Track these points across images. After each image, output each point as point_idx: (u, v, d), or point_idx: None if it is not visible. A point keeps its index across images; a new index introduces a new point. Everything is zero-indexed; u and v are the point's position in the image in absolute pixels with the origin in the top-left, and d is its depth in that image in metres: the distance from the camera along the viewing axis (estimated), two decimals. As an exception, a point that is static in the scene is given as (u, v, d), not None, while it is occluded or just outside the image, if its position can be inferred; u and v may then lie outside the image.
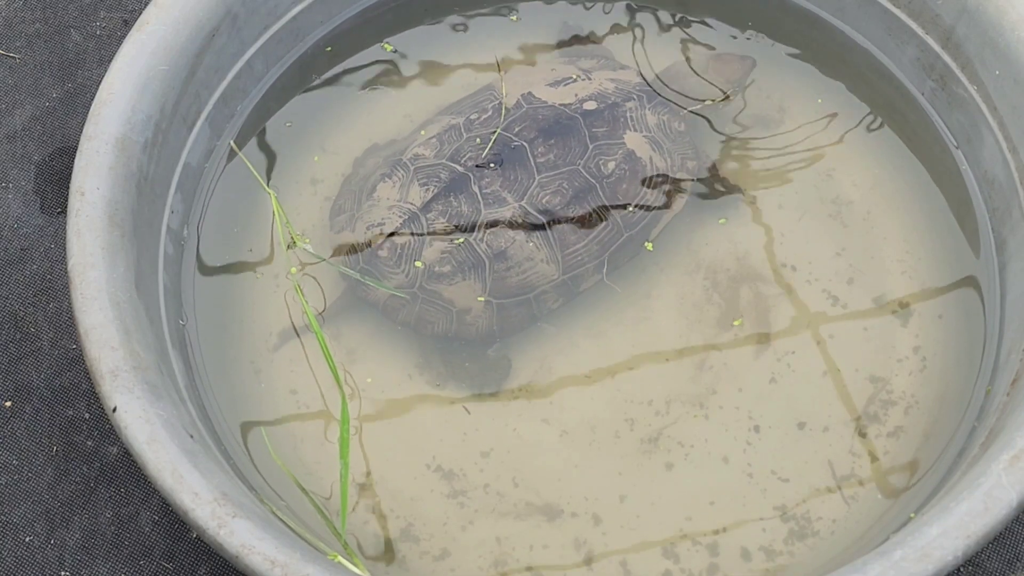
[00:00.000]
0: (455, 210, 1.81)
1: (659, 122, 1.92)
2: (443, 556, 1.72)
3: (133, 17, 2.19)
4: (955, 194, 1.95)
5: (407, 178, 1.84)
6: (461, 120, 1.89)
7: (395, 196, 1.84)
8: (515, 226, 1.81)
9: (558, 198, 1.81)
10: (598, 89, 1.92)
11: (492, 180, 1.82)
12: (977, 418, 1.73)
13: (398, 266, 1.81)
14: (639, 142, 1.88)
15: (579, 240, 1.83)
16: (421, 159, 1.86)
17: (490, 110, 1.90)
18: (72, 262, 1.58)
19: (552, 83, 1.93)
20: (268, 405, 1.82)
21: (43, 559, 1.78)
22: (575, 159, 1.84)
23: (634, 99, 1.93)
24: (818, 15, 2.08)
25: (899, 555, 1.40)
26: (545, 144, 1.84)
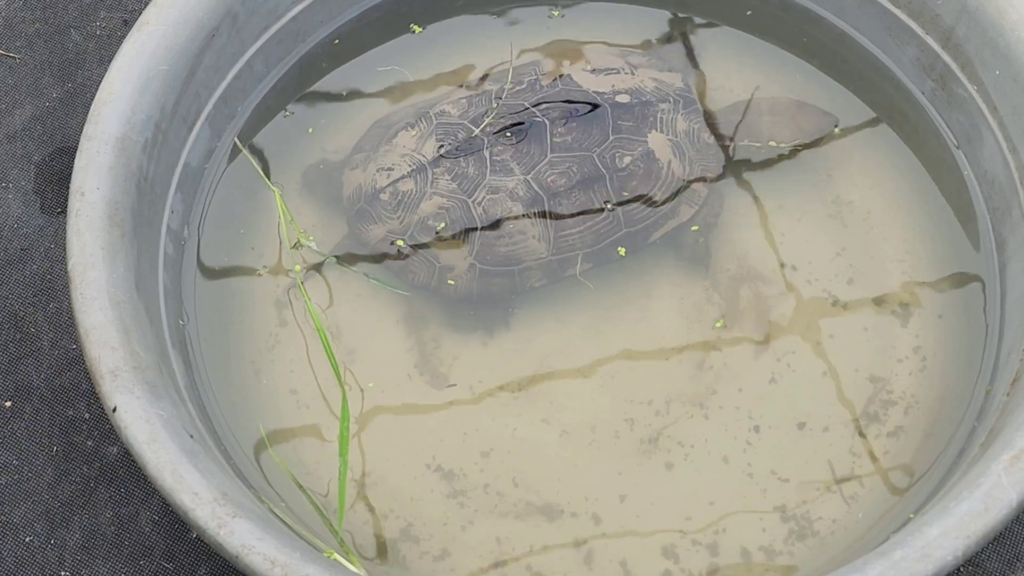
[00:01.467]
0: (462, 170, 1.83)
1: (688, 129, 1.90)
2: (443, 556, 1.72)
3: (133, 17, 2.19)
4: (955, 194, 1.95)
5: (427, 131, 1.88)
6: (496, 87, 1.91)
7: (411, 146, 1.87)
8: (515, 198, 1.82)
9: (564, 179, 1.82)
10: (637, 85, 1.92)
11: (504, 149, 1.83)
12: (977, 418, 1.73)
13: (395, 212, 1.85)
14: (661, 144, 1.87)
15: (575, 225, 1.83)
16: (445, 116, 1.89)
17: (525, 83, 1.91)
18: (72, 262, 1.58)
19: (593, 70, 1.93)
20: (268, 405, 1.82)
21: (43, 559, 1.78)
22: (592, 146, 1.83)
23: (670, 101, 1.91)
24: (819, 14, 2.08)
25: (899, 555, 1.40)
26: (566, 126, 1.84)
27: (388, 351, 1.87)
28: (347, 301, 1.90)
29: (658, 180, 1.86)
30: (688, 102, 1.93)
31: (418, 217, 1.84)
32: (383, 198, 1.86)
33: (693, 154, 1.90)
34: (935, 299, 1.89)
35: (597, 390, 1.84)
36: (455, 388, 1.84)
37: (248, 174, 1.97)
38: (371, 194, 1.87)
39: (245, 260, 1.93)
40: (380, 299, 1.90)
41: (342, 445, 1.64)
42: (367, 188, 1.88)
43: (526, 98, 1.88)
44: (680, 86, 1.95)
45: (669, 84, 1.94)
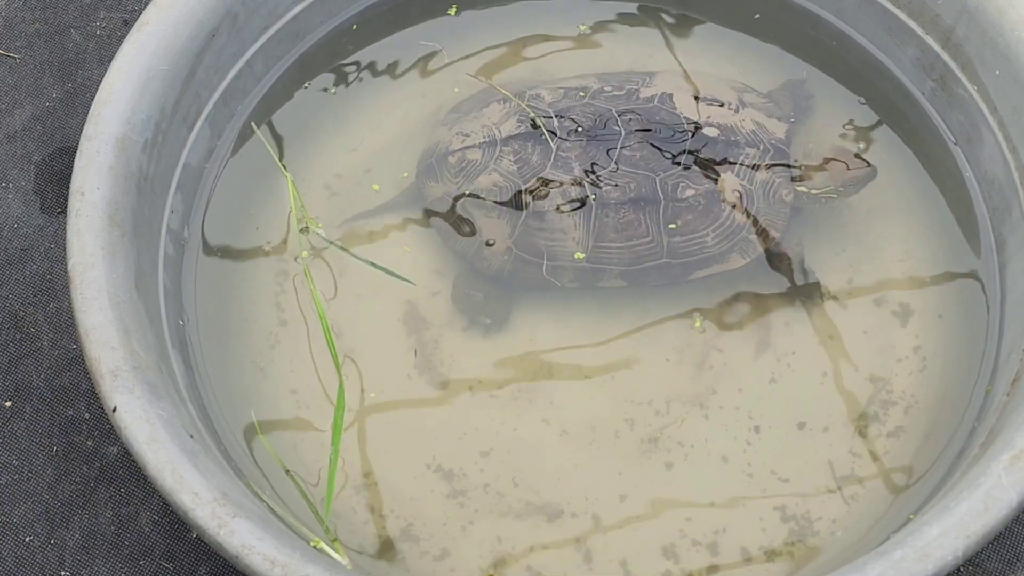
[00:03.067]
0: (527, 155, 1.84)
1: (766, 181, 1.85)
2: (443, 556, 1.72)
3: (133, 17, 2.19)
4: (955, 194, 1.95)
5: (514, 109, 1.90)
6: (596, 87, 1.91)
7: (495, 119, 1.90)
8: (565, 196, 1.82)
9: (618, 193, 1.81)
10: (733, 123, 1.88)
11: (573, 147, 1.83)
12: (977, 418, 1.73)
13: (456, 176, 1.88)
14: (732, 187, 1.84)
15: (616, 240, 1.82)
16: (537, 100, 1.91)
17: (624, 90, 1.90)
18: (72, 262, 1.58)
19: (698, 97, 1.91)
20: (268, 405, 1.82)
21: (43, 559, 1.78)
22: (658, 169, 1.82)
23: (759, 148, 1.87)
24: (818, 15, 2.08)
25: (899, 555, 1.40)
26: (641, 142, 1.83)
27: (388, 351, 1.87)
28: (348, 301, 1.90)
29: (715, 221, 1.83)
30: (779, 154, 1.88)
31: (473, 188, 1.87)
32: (450, 160, 1.89)
33: (763, 206, 1.85)
34: (935, 299, 1.89)
35: (597, 390, 1.84)
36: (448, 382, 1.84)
37: (248, 173, 1.98)
38: (442, 154, 1.91)
39: (245, 260, 1.93)
40: (380, 299, 1.90)
41: (335, 434, 1.65)
42: (442, 147, 1.92)
43: (617, 104, 1.87)
44: (780, 136, 1.90)
45: (769, 131, 1.90)
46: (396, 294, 1.90)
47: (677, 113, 1.87)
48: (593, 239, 1.82)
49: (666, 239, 1.82)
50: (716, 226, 1.83)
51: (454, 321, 1.89)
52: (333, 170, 2.00)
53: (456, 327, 1.88)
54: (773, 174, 1.86)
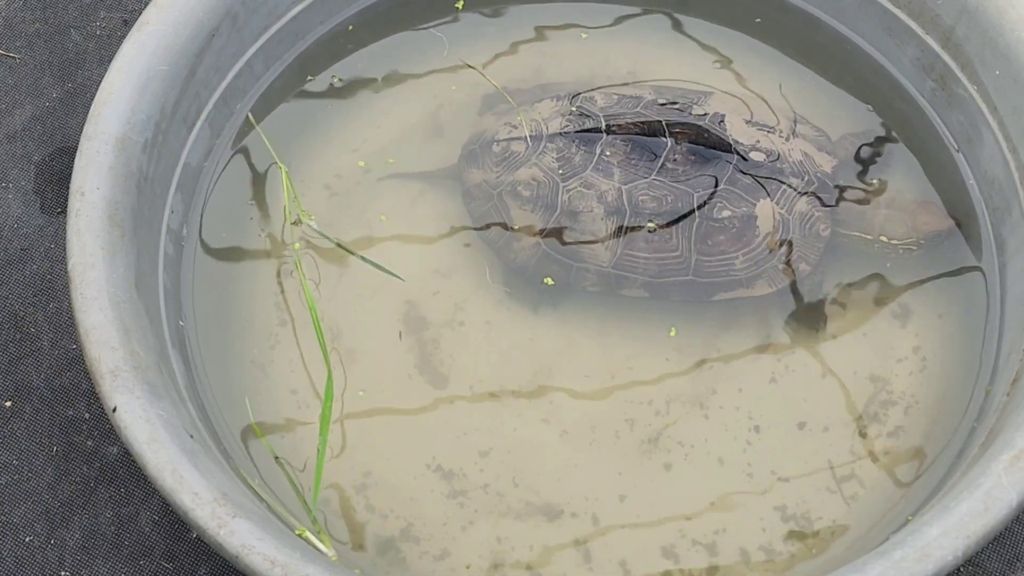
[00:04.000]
0: (569, 155, 1.85)
1: (805, 213, 1.83)
2: (443, 556, 1.72)
3: (133, 17, 2.19)
4: (955, 194, 1.95)
5: (565, 108, 1.90)
6: (651, 97, 1.91)
7: (545, 114, 1.91)
8: (601, 200, 1.82)
9: (653, 204, 1.80)
10: (781, 150, 1.86)
11: (616, 153, 1.83)
12: (977, 418, 1.73)
13: (497, 166, 1.89)
14: (768, 214, 1.82)
15: (645, 250, 1.81)
16: (590, 102, 1.91)
17: (679, 104, 1.89)
18: (72, 262, 1.58)
19: (750, 121, 1.90)
20: (268, 405, 1.82)
21: (43, 559, 1.78)
22: (698, 186, 1.80)
23: (804, 179, 1.85)
24: (818, 16, 2.08)
25: (899, 555, 1.40)
26: (685, 157, 1.81)
27: (389, 351, 1.87)
28: (347, 301, 1.90)
29: (747, 246, 1.81)
30: (823, 188, 1.86)
31: (512, 179, 1.87)
32: (494, 149, 1.91)
33: (797, 238, 1.83)
34: (935, 299, 1.89)
35: (597, 390, 1.84)
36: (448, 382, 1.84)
37: (248, 173, 1.98)
38: (487, 141, 1.93)
39: (245, 260, 1.93)
40: (380, 299, 1.90)
41: (323, 423, 1.65)
42: (488, 135, 1.94)
43: (668, 117, 1.86)
44: (826, 170, 1.88)
45: (816, 164, 1.88)
46: (396, 294, 1.90)
47: (727, 134, 1.85)
48: (623, 246, 1.82)
49: (695, 256, 1.81)
50: (747, 251, 1.81)
51: (454, 321, 1.89)
52: (333, 170, 2.00)
53: (456, 327, 1.88)
54: (813, 207, 1.84)
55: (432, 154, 2.02)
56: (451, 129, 2.05)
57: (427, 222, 1.97)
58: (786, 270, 1.84)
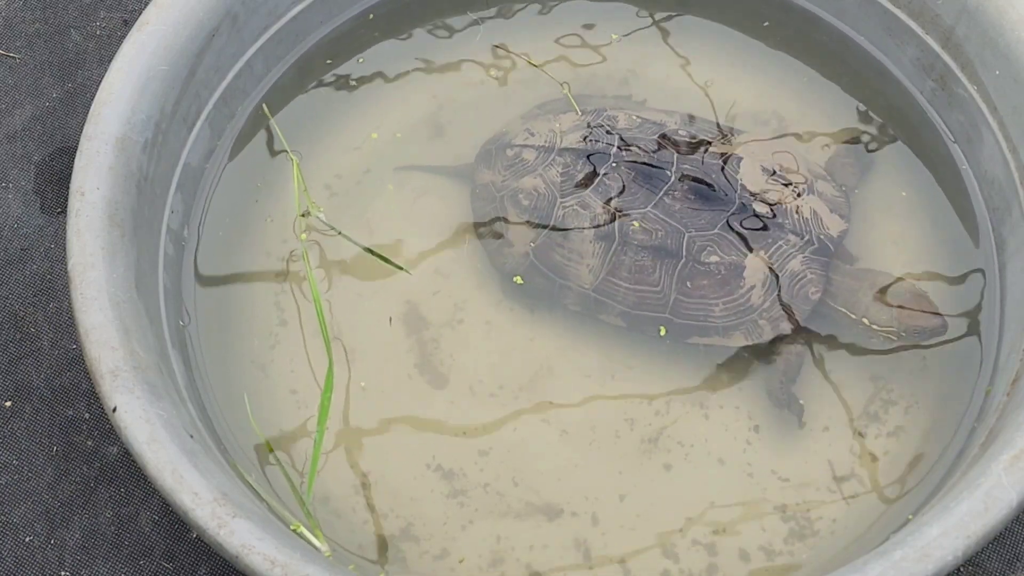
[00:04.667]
0: (573, 172, 1.85)
1: (797, 273, 1.79)
2: (443, 556, 1.72)
3: (133, 17, 2.19)
4: (955, 194, 1.95)
5: (584, 124, 1.90)
6: (675, 126, 1.89)
7: (564, 127, 1.91)
8: (594, 222, 1.81)
9: (643, 236, 1.78)
10: (789, 205, 1.82)
11: (620, 177, 1.82)
12: (977, 418, 1.73)
13: (505, 170, 1.90)
14: (757, 268, 1.78)
15: (626, 280, 1.80)
16: (612, 121, 1.90)
17: (697, 139, 1.86)
18: (72, 262, 1.58)
19: (768, 168, 1.86)
20: (268, 405, 1.82)
21: (43, 559, 1.78)
22: (691, 226, 1.78)
23: (804, 239, 1.80)
24: (818, 15, 2.08)
25: (899, 555, 1.40)
26: (685, 195, 1.79)
27: (388, 351, 1.87)
28: (347, 301, 1.90)
29: (729, 295, 1.78)
30: (822, 251, 1.81)
31: (515, 186, 1.88)
32: (507, 153, 1.92)
33: (785, 296, 1.79)
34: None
35: (597, 390, 1.84)
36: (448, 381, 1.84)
37: (248, 174, 1.98)
38: (503, 144, 1.94)
39: (245, 260, 1.93)
40: (380, 299, 1.90)
41: (321, 415, 1.66)
42: (506, 138, 1.94)
43: (682, 150, 1.84)
44: (831, 234, 1.83)
45: (823, 225, 1.83)
46: (396, 294, 1.90)
47: (737, 178, 1.82)
48: (606, 271, 1.81)
49: (674, 295, 1.79)
50: (728, 300, 1.78)
51: (454, 321, 1.89)
52: (334, 170, 2.00)
53: (456, 327, 1.88)
54: (807, 268, 1.80)
55: (432, 154, 2.02)
56: (451, 129, 2.05)
57: (427, 222, 1.97)
58: (767, 327, 1.79)
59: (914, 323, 1.78)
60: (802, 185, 1.85)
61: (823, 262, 1.81)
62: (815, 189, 1.86)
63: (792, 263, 1.79)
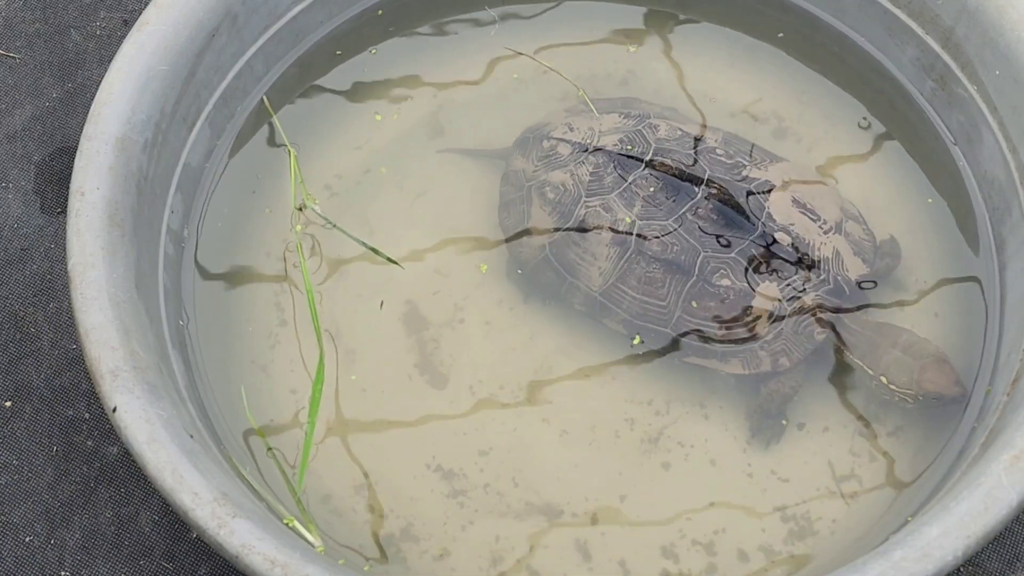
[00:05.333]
0: (603, 173, 1.84)
1: (806, 310, 1.76)
2: (443, 556, 1.72)
3: (133, 17, 2.19)
4: (955, 194, 1.95)
5: (624, 127, 1.89)
6: (713, 143, 1.86)
7: (604, 128, 1.89)
8: (613, 226, 1.80)
9: (658, 247, 1.77)
10: (813, 241, 1.78)
11: (645, 187, 1.80)
12: (977, 418, 1.73)
13: (538, 160, 1.90)
14: (769, 297, 1.76)
15: (635, 288, 1.79)
16: (653, 129, 1.87)
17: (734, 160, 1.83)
18: (72, 262, 1.58)
19: (799, 201, 1.81)
20: (268, 404, 1.82)
21: (43, 559, 1.78)
22: (708, 246, 1.76)
23: (819, 278, 1.77)
24: (818, 16, 2.08)
25: (899, 555, 1.40)
26: (708, 213, 1.77)
27: (388, 351, 1.87)
28: (347, 301, 1.90)
29: (732, 321, 1.76)
30: (837, 292, 1.78)
31: (544, 178, 1.87)
32: (544, 144, 1.91)
33: (788, 332, 1.76)
34: (935, 299, 1.88)
35: (597, 390, 1.84)
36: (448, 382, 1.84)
37: (247, 174, 1.98)
38: (541, 135, 1.93)
39: (245, 260, 1.93)
40: (379, 299, 1.90)
41: (312, 406, 1.66)
42: (546, 129, 1.93)
43: (715, 170, 1.81)
44: (849, 276, 1.79)
45: (843, 267, 1.79)
46: (396, 294, 1.90)
47: (764, 206, 1.79)
48: (615, 277, 1.80)
49: (679, 312, 1.77)
50: (731, 326, 1.76)
51: (454, 321, 1.89)
52: (334, 170, 2.00)
53: (456, 327, 1.88)
54: (817, 307, 1.77)
55: (433, 154, 2.02)
56: (451, 129, 2.05)
57: (427, 222, 1.97)
58: (766, 359, 1.77)
59: (933, 388, 1.73)
60: (830, 223, 1.82)
61: (833, 303, 1.78)
62: (843, 229, 1.82)
63: (804, 299, 1.76)
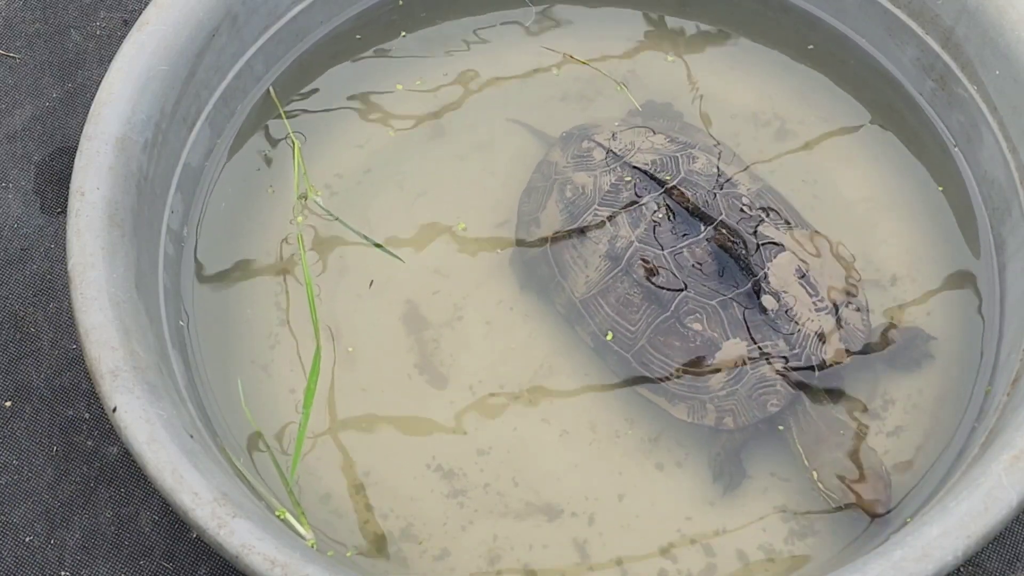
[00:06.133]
0: (622, 187, 1.83)
1: (767, 379, 1.71)
2: (443, 556, 1.72)
3: (133, 17, 2.19)
4: (955, 194, 1.95)
5: (663, 151, 1.86)
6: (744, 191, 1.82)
7: (645, 147, 1.88)
8: (612, 240, 1.79)
9: (642, 272, 1.75)
10: (799, 314, 1.72)
11: (655, 211, 1.78)
12: (977, 418, 1.73)
13: (573, 158, 1.91)
14: (734, 354, 1.72)
15: (611, 306, 1.78)
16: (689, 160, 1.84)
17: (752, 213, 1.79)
18: (72, 262, 1.58)
19: (805, 274, 1.76)
20: (268, 404, 1.82)
21: (43, 559, 1.78)
22: (692, 287, 1.72)
23: (792, 351, 1.72)
24: (818, 16, 2.08)
25: (899, 555, 1.40)
26: (706, 254, 1.74)
27: (389, 352, 1.87)
28: (347, 301, 1.90)
29: (690, 366, 1.73)
30: (805, 371, 1.72)
31: (569, 176, 1.88)
32: (582, 144, 1.92)
33: (743, 392, 1.72)
34: (935, 299, 1.89)
35: (597, 390, 1.84)
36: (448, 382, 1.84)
37: (247, 174, 1.98)
38: (585, 136, 1.93)
39: (245, 260, 1.93)
40: (380, 299, 1.90)
41: (307, 398, 1.66)
42: (592, 131, 1.94)
43: (732, 216, 1.78)
44: (825, 360, 1.73)
45: (821, 348, 1.74)
46: (396, 294, 1.90)
47: (763, 263, 1.75)
48: (598, 290, 1.79)
49: (643, 342, 1.76)
50: (690, 371, 1.73)
51: (454, 321, 1.89)
52: (334, 170, 2.01)
53: (456, 327, 1.88)
54: (779, 381, 1.72)
55: (433, 154, 2.02)
56: (451, 129, 2.05)
57: (427, 222, 1.97)
58: (712, 412, 1.74)
59: (858, 503, 1.66)
60: (827, 302, 1.77)
61: (797, 382, 1.72)
62: (839, 313, 1.77)
63: (767, 368, 1.72)
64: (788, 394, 1.72)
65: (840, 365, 1.75)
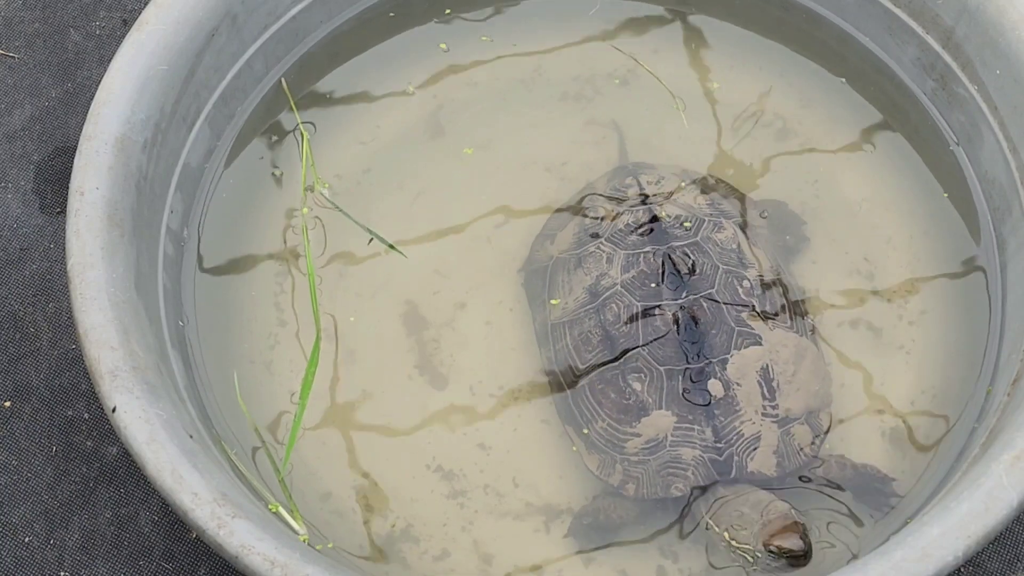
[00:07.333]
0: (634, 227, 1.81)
1: (681, 462, 1.66)
2: (443, 556, 1.72)
3: (133, 17, 2.19)
4: (955, 194, 1.95)
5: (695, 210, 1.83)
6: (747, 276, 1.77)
7: (681, 200, 1.86)
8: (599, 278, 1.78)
9: (611, 316, 1.73)
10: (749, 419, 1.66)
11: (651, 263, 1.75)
12: (977, 418, 1.73)
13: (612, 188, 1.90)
14: (656, 426, 1.68)
15: (571, 339, 1.76)
16: (715, 228, 1.80)
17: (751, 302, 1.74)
18: (72, 262, 1.58)
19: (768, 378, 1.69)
20: (268, 404, 1.82)
21: (42, 559, 1.78)
22: (651, 349, 1.69)
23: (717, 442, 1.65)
24: (819, 14, 2.08)
25: (899, 555, 1.40)
26: (675, 318, 1.70)
27: (388, 351, 1.87)
28: (347, 301, 1.90)
29: (617, 423, 1.70)
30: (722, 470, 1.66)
31: (600, 202, 1.88)
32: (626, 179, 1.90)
33: (654, 466, 1.68)
34: (936, 299, 1.89)
35: (597, 390, 1.83)
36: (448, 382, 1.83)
37: (247, 174, 1.98)
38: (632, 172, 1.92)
39: (245, 260, 1.93)
40: (380, 299, 1.90)
41: (304, 390, 1.67)
42: (639, 169, 1.93)
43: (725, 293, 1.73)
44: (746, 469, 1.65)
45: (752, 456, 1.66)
46: (396, 294, 1.90)
47: (730, 353, 1.69)
48: (568, 319, 1.79)
49: (584, 382, 1.73)
50: (614, 427, 1.70)
51: (454, 321, 1.89)
52: (334, 170, 2.00)
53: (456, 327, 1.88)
54: (693, 468, 1.66)
55: (433, 154, 2.02)
56: (451, 129, 2.05)
57: (427, 222, 1.97)
58: (618, 475, 1.70)
59: (775, 545, 1.58)
60: (778, 413, 1.68)
61: (712, 478, 1.66)
62: (788, 427, 1.69)
63: (687, 452, 1.66)
64: (696, 479, 1.66)
65: (765, 479, 1.66)
